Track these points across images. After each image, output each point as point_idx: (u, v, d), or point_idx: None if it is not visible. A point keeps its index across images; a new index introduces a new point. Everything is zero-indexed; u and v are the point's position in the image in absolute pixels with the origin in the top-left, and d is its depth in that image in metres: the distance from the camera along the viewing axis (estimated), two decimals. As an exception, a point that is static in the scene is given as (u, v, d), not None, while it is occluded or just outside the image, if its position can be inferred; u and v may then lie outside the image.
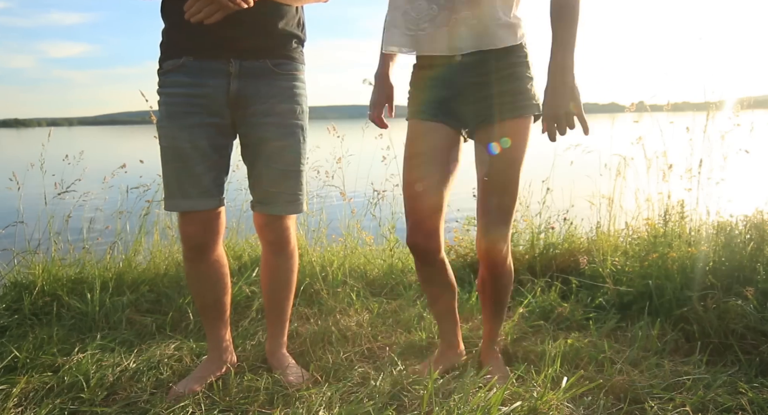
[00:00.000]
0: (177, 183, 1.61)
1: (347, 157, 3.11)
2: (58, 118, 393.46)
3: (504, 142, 1.56)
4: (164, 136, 1.60)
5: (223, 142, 1.64)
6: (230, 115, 1.61)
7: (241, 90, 1.58)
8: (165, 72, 1.60)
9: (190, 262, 1.72)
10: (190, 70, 1.56)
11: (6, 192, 2.84)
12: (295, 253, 1.81)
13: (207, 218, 1.64)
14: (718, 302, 1.99)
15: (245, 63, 1.57)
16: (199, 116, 1.58)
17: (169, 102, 1.59)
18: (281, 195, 1.66)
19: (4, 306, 2.31)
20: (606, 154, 3.01)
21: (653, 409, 1.54)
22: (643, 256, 2.39)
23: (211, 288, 1.75)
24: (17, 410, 1.58)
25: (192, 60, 1.56)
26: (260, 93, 1.60)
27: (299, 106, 1.67)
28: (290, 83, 1.65)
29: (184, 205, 1.61)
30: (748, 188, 2.78)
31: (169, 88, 1.59)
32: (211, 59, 1.56)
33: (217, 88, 1.57)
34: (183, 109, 1.57)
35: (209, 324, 1.80)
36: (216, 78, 1.56)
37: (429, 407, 1.46)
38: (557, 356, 1.80)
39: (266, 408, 1.57)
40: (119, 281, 2.54)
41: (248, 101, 1.60)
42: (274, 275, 1.81)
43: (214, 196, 1.64)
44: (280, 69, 1.62)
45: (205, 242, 1.67)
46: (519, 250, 2.79)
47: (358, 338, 2.06)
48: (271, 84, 1.61)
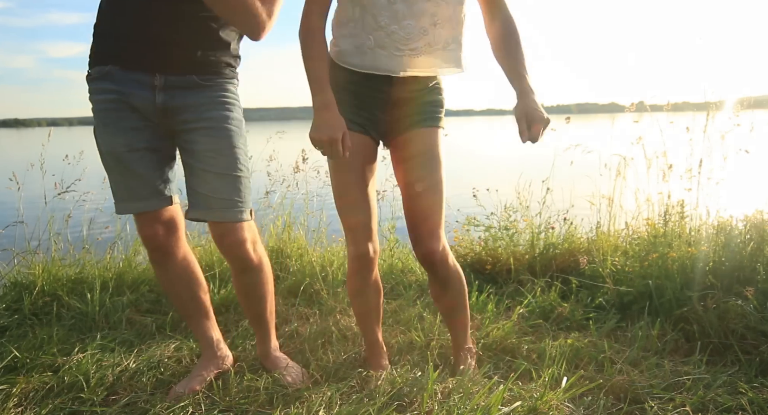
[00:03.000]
0: (125, 187, 1.59)
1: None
2: (58, 118, 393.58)
3: None
4: (102, 142, 1.59)
5: (161, 143, 1.61)
6: (162, 123, 1.59)
7: (168, 102, 1.55)
8: (93, 79, 1.57)
9: (157, 265, 1.71)
10: (116, 78, 1.53)
11: (6, 192, 2.84)
12: (262, 267, 1.73)
13: (162, 216, 1.63)
14: (718, 302, 1.99)
15: (170, 77, 1.54)
16: (131, 121, 1.56)
17: (101, 108, 1.57)
18: (219, 201, 1.58)
19: (4, 306, 2.31)
20: (606, 154, 3.01)
21: (653, 409, 1.54)
22: (643, 256, 2.39)
23: (185, 287, 1.74)
24: (17, 410, 1.58)
25: (118, 69, 1.53)
26: (187, 103, 1.56)
27: (231, 114, 1.61)
28: (219, 93, 1.60)
29: (136, 207, 1.60)
30: (748, 188, 2.78)
31: (98, 94, 1.57)
32: (137, 71, 1.53)
33: (143, 98, 1.54)
34: (115, 115, 1.55)
35: (193, 323, 1.80)
36: (142, 89, 1.54)
37: (429, 407, 1.46)
38: (557, 356, 1.80)
39: (266, 408, 1.57)
40: (119, 281, 2.54)
41: (176, 111, 1.57)
42: (244, 291, 1.77)
43: (164, 194, 1.62)
44: (207, 82, 1.58)
45: (167, 242, 1.65)
46: (519, 250, 2.79)
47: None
48: (199, 94, 1.57)
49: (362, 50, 1.56)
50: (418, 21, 1.51)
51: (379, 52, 1.55)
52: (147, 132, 1.58)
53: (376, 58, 1.55)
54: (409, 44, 1.53)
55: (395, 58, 1.54)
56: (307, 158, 3.12)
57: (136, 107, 1.55)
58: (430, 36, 1.53)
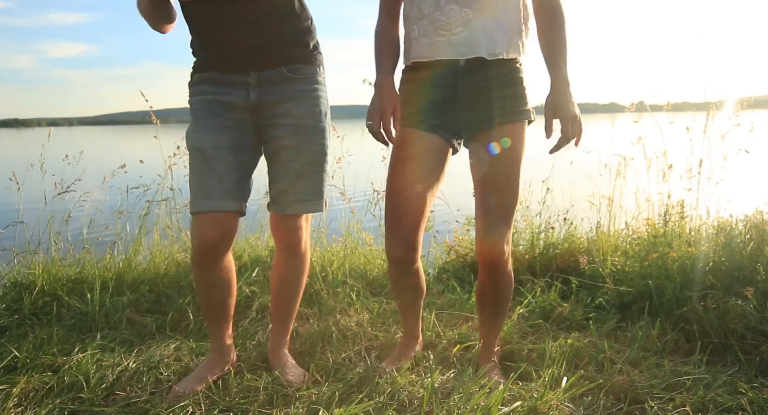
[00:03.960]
0: (200, 183, 1.63)
1: (347, 157, 3.11)
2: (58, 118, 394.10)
3: (504, 143, 1.56)
4: (191, 138, 1.66)
5: (246, 145, 1.68)
6: (252, 120, 1.68)
7: (260, 97, 1.65)
8: (194, 84, 1.70)
9: (200, 267, 1.70)
10: (214, 80, 1.66)
11: (6, 192, 2.84)
12: (306, 255, 1.83)
13: (225, 220, 1.63)
14: (718, 302, 1.99)
15: (262, 73, 1.64)
16: (221, 118, 1.65)
17: (196, 108, 1.67)
18: (295, 195, 1.69)
19: (4, 306, 2.31)
20: (606, 154, 3.01)
21: (653, 409, 1.54)
22: (643, 256, 2.39)
23: (219, 292, 1.76)
24: (17, 410, 1.58)
25: (216, 73, 1.65)
26: (278, 98, 1.66)
27: (317, 108, 1.70)
28: (307, 86, 1.69)
29: (206, 205, 1.61)
30: (748, 188, 2.78)
31: (196, 96, 1.68)
32: (232, 73, 1.64)
33: (237, 96, 1.65)
34: (207, 113, 1.65)
35: (214, 326, 1.80)
36: (237, 89, 1.65)
37: (429, 407, 1.46)
38: (557, 356, 1.80)
39: (266, 408, 1.57)
40: (119, 281, 2.54)
41: (267, 107, 1.66)
42: (284, 275, 1.83)
43: (235, 198, 1.64)
44: (295, 74, 1.67)
45: (218, 250, 1.66)
46: (519, 250, 2.79)
47: (358, 338, 2.06)
48: (288, 88, 1.66)
49: (409, 42, 1.63)
50: (460, 6, 1.52)
51: (422, 41, 1.58)
52: (235, 132, 1.66)
53: (420, 46, 1.59)
54: (452, 29, 1.54)
55: (437, 44, 1.56)
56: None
57: (231, 104, 1.65)
58: (473, 20, 1.53)
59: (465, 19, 1.53)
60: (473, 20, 1.53)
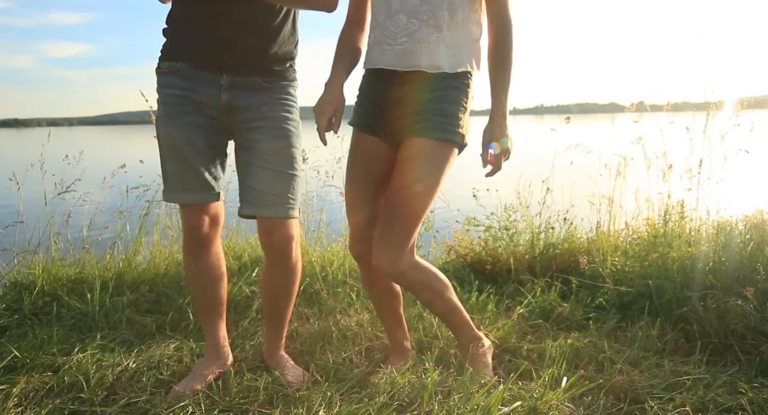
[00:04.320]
0: (180, 178, 1.67)
1: (347, 157, 3.11)
2: (58, 118, 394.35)
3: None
4: (163, 134, 1.67)
5: (219, 141, 1.71)
6: (224, 120, 1.68)
7: (232, 100, 1.65)
8: (163, 72, 1.67)
9: (191, 254, 1.76)
10: (185, 74, 1.63)
11: (6, 192, 2.84)
12: (297, 266, 1.79)
13: (208, 209, 1.72)
14: (718, 302, 1.99)
15: (236, 78, 1.64)
16: (194, 116, 1.64)
17: (167, 102, 1.65)
18: (273, 197, 1.67)
19: (4, 306, 2.31)
20: (606, 154, 3.01)
21: (653, 409, 1.54)
22: (643, 256, 2.39)
23: (210, 283, 1.79)
24: (17, 410, 1.58)
25: (188, 66, 1.63)
26: (250, 102, 1.66)
27: (290, 115, 1.71)
28: (280, 95, 1.70)
29: (187, 198, 1.68)
30: (748, 188, 2.78)
31: (166, 88, 1.66)
32: (206, 70, 1.63)
33: (209, 95, 1.64)
34: (179, 109, 1.64)
35: (207, 320, 1.82)
36: (208, 87, 1.64)
37: (429, 407, 1.46)
38: (557, 356, 1.80)
39: (266, 408, 1.57)
40: (119, 281, 2.54)
41: (239, 110, 1.66)
42: (274, 285, 1.80)
43: (214, 189, 1.71)
44: (270, 84, 1.68)
45: (207, 234, 1.73)
46: (519, 250, 2.79)
47: (358, 338, 2.06)
48: (261, 95, 1.67)
49: (368, 48, 1.65)
50: (408, 16, 1.53)
51: (373, 49, 1.62)
52: (207, 129, 1.66)
53: (371, 53, 1.63)
54: (398, 39, 1.55)
55: (384, 52, 1.58)
56: (307, 158, 3.12)
57: (202, 103, 1.64)
58: (417, 31, 1.53)
59: (410, 30, 1.54)
60: (417, 32, 1.53)
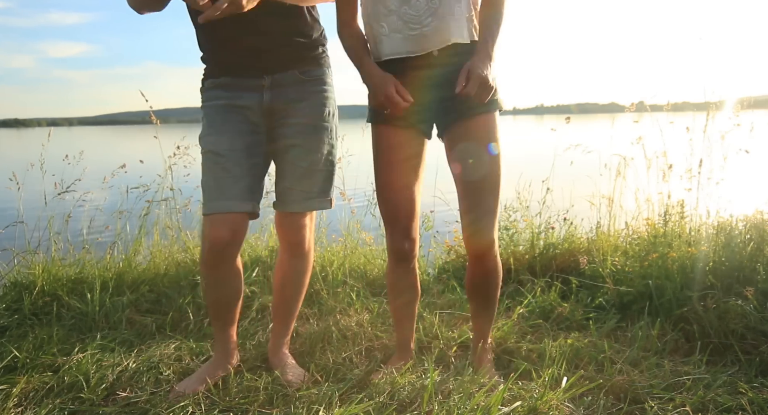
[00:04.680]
0: (216, 185, 1.65)
1: (347, 157, 3.11)
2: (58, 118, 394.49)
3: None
4: (206, 142, 1.68)
5: (259, 148, 1.72)
6: (265, 123, 1.72)
7: (274, 99, 1.70)
8: (206, 89, 1.73)
9: (210, 268, 1.71)
10: (228, 86, 1.69)
11: (6, 192, 2.85)
12: (310, 255, 1.86)
13: (237, 221, 1.65)
14: (718, 302, 1.99)
15: (276, 76, 1.68)
16: (235, 123, 1.68)
17: (210, 112, 1.70)
18: (299, 193, 1.73)
19: (4, 306, 2.31)
20: (606, 154, 3.01)
21: (653, 409, 1.54)
22: (643, 256, 2.39)
23: (226, 294, 1.77)
24: (17, 410, 1.58)
25: (230, 78, 1.68)
26: (290, 99, 1.70)
27: (327, 109, 1.75)
28: (318, 87, 1.74)
29: (222, 206, 1.64)
30: (748, 188, 2.78)
31: (210, 101, 1.71)
32: (246, 77, 1.68)
33: (251, 99, 1.68)
34: (221, 117, 1.68)
35: (219, 328, 1.81)
36: (251, 92, 1.68)
37: (429, 407, 1.46)
38: (557, 356, 1.80)
39: (266, 408, 1.57)
40: (119, 281, 2.54)
41: (280, 108, 1.70)
42: (288, 275, 1.85)
43: (249, 200, 1.67)
44: (307, 76, 1.72)
45: (230, 247, 1.67)
46: (519, 250, 2.79)
47: (358, 338, 2.06)
48: (300, 90, 1.71)
49: (379, 39, 1.62)
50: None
51: (394, 37, 1.59)
52: (249, 136, 1.69)
53: (392, 42, 1.60)
54: (422, 21, 1.56)
55: (411, 38, 1.57)
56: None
57: (246, 108, 1.68)
58: (440, 8, 1.55)
59: (432, 9, 1.55)
60: (440, 8, 1.55)
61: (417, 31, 1.56)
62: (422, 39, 1.57)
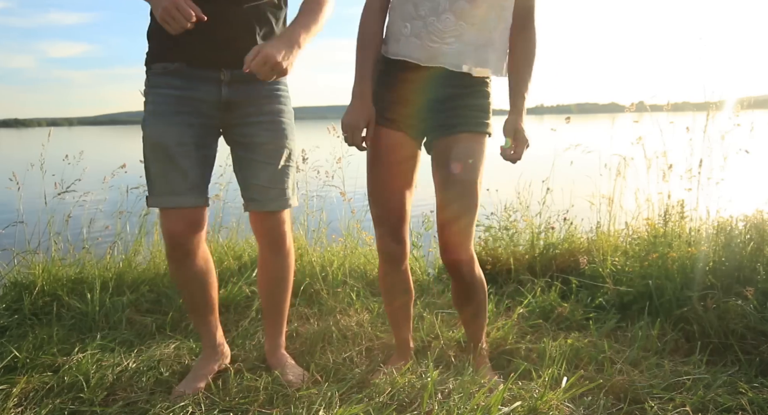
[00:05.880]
0: (164, 179, 1.63)
1: (347, 157, 3.11)
2: (58, 118, 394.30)
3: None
4: (151, 133, 1.63)
5: (208, 141, 1.68)
6: (219, 117, 1.67)
7: (231, 95, 1.65)
8: (156, 73, 1.64)
9: (176, 262, 1.71)
10: (183, 74, 1.61)
11: (6, 192, 2.84)
12: (291, 251, 1.83)
13: (192, 215, 1.65)
14: (718, 302, 1.99)
15: (235, 72, 1.62)
16: (186, 116, 1.62)
17: (159, 101, 1.63)
18: (275, 191, 1.70)
19: (4, 306, 2.31)
20: (606, 154, 3.02)
21: (653, 409, 1.54)
22: (643, 256, 2.39)
23: (199, 287, 1.76)
24: (17, 410, 1.58)
25: (185, 66, 1.61)
26: (249, 96, 1.66)
27: (285, 107, 1.73)
28: (275, 86, 1.71)
29: (173, 201, 1.63)
30: (748, 188, 2.78)
31: (160, 88, 1.63)
32: (204, 68, 1.61)
33: (208, 93, 1.63)
34: (172, 109, 1.61)
35: (201, 322, 1.82)
36: (207, 84, 1.63)
37: (429, 407, 1.46)
38: (557, 356, 1.80)
39: (266, 408, 1.57)
40: (119, 281, 2.54)
41: (238, 104, 1.66)
42: (271, 274, 1.83)
43: (201, 193, 1.66)
44: None
45: (191, 241, 1.68)
46: (519, 250, 2.79)
47: (358, 338, 2.06)
48: (259, 88, 1.67)
49: (396, 37, 1.62)
50: (457, 17, 1.53)
51: (413, 41, 1.58)
52: (199, 129, 1.64)
53: (409, 46, 1.59)
54: (445, 38, 1.55)
55: (428, 48, 1.57)
56: (307, 158, 3.12)
57: (201, 101, 1.63)
58: (466, 34, 1.55)
59: (459, 32, 1.55)
60: (466, 34, 1.55)
61: (436, 45, 1.56)
62: (438, 54, 1.56)
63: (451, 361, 1.88)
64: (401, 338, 1.88)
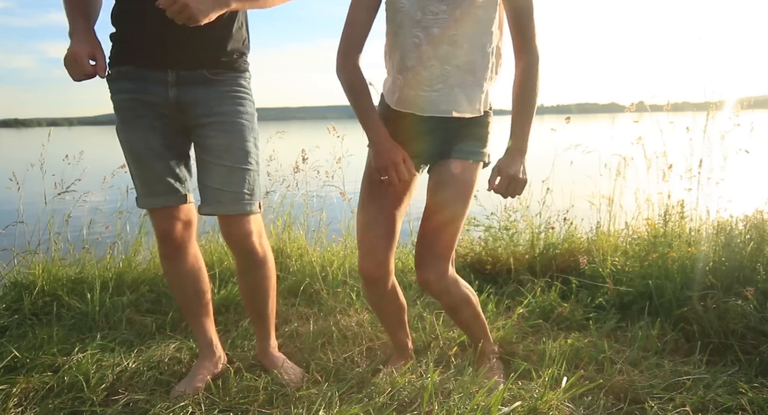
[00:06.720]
0: (142, 183, 1.67)
1: (347, 157, 3.11)
2: (58, 118, 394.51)
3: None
4: (122, 140, 1.65)
5: (178, 141, 1.68)
6: (177, 117, 1.64)
7: (180, 96, 1.61)
8: (112, 79, 1.63)
9: (168, 259, 1.75)
10: (132, 77, 1.60)
11: (6, 192, 2.85)
12: (267, 261, 1.78)
13: (177, 213, 1.69)
14: (718, 302, 1.99)
15: (181, 73, 1.60)
16: (147, 118, 1.62)
17: (121, 107, 1.63)
18: (229, 194, 1.63)
19: (4, 306, 2.31)
20: (606, 154, 3.01)
21: (653, 409, 1.54)
22: (643, 256, 2.39)
23: (191, 284, 1.78)
24: (17, 410, 1.58)
25: (133, 68, 1.60)
26: (198, 98, 1.62)
27: (242, 108, 1.66)
28: (230, 88, 1.64)
29: (153, 202, 1.67)
30: (748, 188, 2.78)
31: (117, 94, 1.63)
32: (150, 69, 1.59)
33: (158, 95, 1.61)
34: (133, 113, 1.62)
35: (194, 321, 1.83)
36: (156, 86, 1.60)
37: (429, 407, 1.46)
38: (557, 356, 1.80)
39: (266, 408, 1.57)
40: (119, 281, 2.54)
41: (188, 106, 1.62)
42: (249, 284, 1.80)
43: (178, 192, 1.68)
44: (217, 77, 1.62)
45: (181, 238, 1.71)
46: (519, 250, 2.79)
47: (358, 337, 2.06)
48: (209, 89, 1.62)
49: (393, 89, 1.63)
50: (441, 63, 1.53)
51: (406, 92, 1.59)
52: (163, 130, 1.64)
53: (405, 97, 1.60)
54: (433, 85, 1.56)
55: (420, 97, 1.58)
56: (307, 158, 3.12)
57: (152, 103, 1.61)
58: (452, 77, 1.55)
59: (445, 77, 1.55)
60: (451, 78, 1.55)
61: (426, 94, 1.57)
62: (428, 102, 1.57)
63: (451, 361, 1.88)
64: (399, 341, 1.89)
